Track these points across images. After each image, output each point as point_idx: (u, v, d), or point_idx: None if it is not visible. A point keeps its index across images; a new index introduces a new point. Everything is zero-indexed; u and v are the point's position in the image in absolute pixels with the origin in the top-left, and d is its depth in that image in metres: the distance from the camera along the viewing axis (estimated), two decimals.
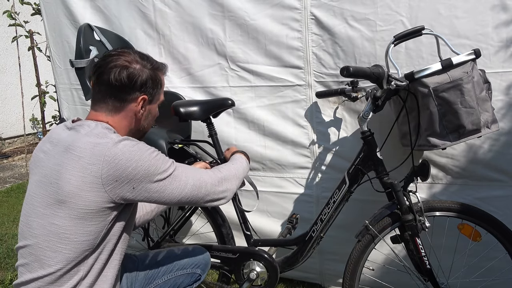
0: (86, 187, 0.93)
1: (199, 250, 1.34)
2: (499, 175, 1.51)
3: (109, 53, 1.08)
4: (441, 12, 1.45)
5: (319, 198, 1.76)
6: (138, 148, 0.98)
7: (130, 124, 1.09)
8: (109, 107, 1.05)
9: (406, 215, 1.33)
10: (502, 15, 1.39)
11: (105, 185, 0.93)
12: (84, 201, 0.93)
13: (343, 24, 1.57)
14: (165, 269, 1.26)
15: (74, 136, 0.98)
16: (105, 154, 0.94)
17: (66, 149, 0.96)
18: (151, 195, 0.99)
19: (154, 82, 1.10)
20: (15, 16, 2.66)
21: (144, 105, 1.09)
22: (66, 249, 0.94)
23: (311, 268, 1.83)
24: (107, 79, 1.03)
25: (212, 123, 1.57)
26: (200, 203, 1.10)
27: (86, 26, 1.64)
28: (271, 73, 1.72)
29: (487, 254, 1.53)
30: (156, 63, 1.12)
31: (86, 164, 0.93)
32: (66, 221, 0.93)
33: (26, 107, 5.00)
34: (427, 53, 1.49)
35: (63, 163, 0.95)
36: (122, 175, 0.94)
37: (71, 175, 0.93)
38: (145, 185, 0.98)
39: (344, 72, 1.21)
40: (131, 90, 1.05)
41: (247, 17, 1.69)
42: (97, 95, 1.06)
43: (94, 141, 0.96)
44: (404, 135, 1.46)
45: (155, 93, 1.12)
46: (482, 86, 1.25)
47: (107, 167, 0.93)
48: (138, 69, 1.06)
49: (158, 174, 0.99)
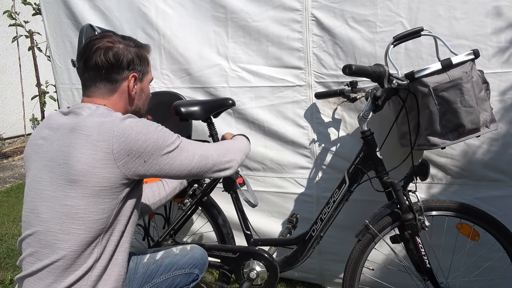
0: (98, 164, 0.93)
1: (198, 250, 1.35)
2: (498, 175, 1.52)
3: (90, 38, 1.08)
4: (440, 14, 1.47)
5: (319, 198, 1.76)
6: (144, 123, 1.00)
7: (126, 104, 1.10)
8: (102, 90, 1.06)
9: (406, 215, 1.34)
10: (501, 16, 1.41)
11: (117, 160, 0.94)
12: (97, 178, 0.93)
13: (344, 25, 1.59)
14: (163, 268, 1.26)
15: (77, 118, 0.99)
16: (114, 130, 0.95)
17: (72, 130, 0.96)
18: (162, 167, 1.01)
19: (141, 59, 1.11)
20: (15, 16, 2.67)
21: (135, 82, 1.10)
22: (81, 229, 0.94)
23: (311, 268, 1.83)
24: (94, 63, 1.04)
25: (212, 123, 1.58)
26: (208, 173, 1.13)
27: (88, 26, 1.65)
28: (271, 74, 1.73)
29: (486, 254, 1.54)
30: (138, 42, 1.13)
31: (95, 141, 0.93)
32: (79, 201, 0.93)
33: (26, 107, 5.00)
34: (426, 53, 1.51)
35: (70, 143, 0.95)
36: (133, 148, 0.95)
37: (81, 153, 0.93)
38: (155, 158, 0.99)
39: (347, 70, 1.22)
40: (120, 70, 1.06)
41: (249, 19, 1.71)
42: (88, 82, 1.06)
43: (100, 120, 0.97)
44: (403, 135, 1.47)
45: (144, 71, 1.13)
46: (481, 86, 1.26)
47: (118, 141, 0.94)
48: (122, 48, 1.07)
49: (167, 146, 1.01)
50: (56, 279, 0.94)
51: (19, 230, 2.78)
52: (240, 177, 1.58)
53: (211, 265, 1.61)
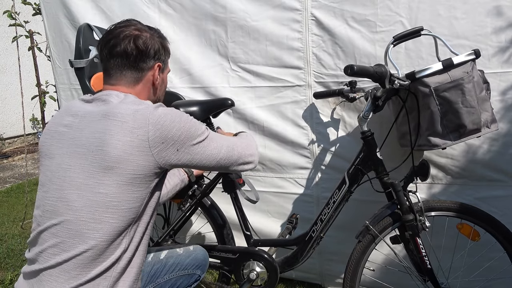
0: (134, 151, 0.92)
1: (200, 251, 1.35)
2: (498, 175, 1.51)
3: (115, 26, 1.06)
4: (440, 13, 1.46)
5: (319, 198, 1.76)
6: (176, 112, 0.99)
7: (149, 94, 1.10)
8: (128, 79, 1.05)
9: (406, 215, 1.33)
10: (501, 16, 1.40)
11: (152, 147, 0.94)
12: (132, 165, 0.92)
13: (344, 25, 1.58)
14: (167, 268, 1.25)
15: (107, 105, 0.97)
16: (149, 117, 0.94)
17: (105, 116, 0.94)
18: (193, 157, 1.01)
19: (165, 50, 1.12)
20: (15, 16, 2.66)
21: (159, 72, 1.10)
22: (114, 218, 0.92)
23: (311, 268, 1.83)
24: (123, 50, 1.02)
25: (212, 123, 1.57)
26: (234, 165, 1.13)
27: (86, 26, 1.64)
28: (271, 74, 1.72)
29: (486, 254, 1.53)
30: (160, 33, 1.13)
31: (132, 128, 0.92)
32: (114, 188, 0.91)
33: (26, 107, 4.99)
34: (426, 53, 1.50)
35: (105, 129, 0.92)
36: (167, 136, 0.95)
37: (117, 140, 0.91)
38: (187, 147, 1.00)
39: (348, 71, 1.22)
40: (147, 58, 1.06)
41: (248, 19, 1.70)
42: (112, 69, 1.04)
43: (133, 107, 0.95)
44: (403, 135, 1.46)
45: (166, 61, 1.14)
46: (482, 86, 1.26)
47: (153, 129, 0.94)
48: (149, 37, 1.06)
49: (198, 136, 1.02)
50: (82, 271, 0.90)
51: (19, 230, 2.78)
52: (239, 177, 1.57)
53: (211, 265, 1.61)
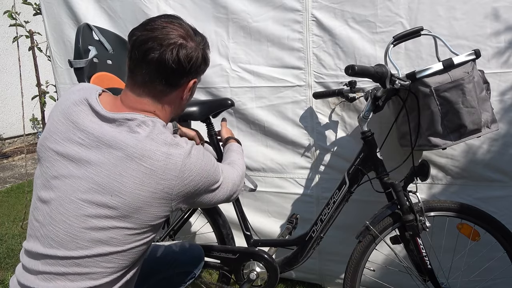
0: (155, 202, 0.83)
1: (196, 248, 1.33)
2: (498, 176, 1.52)
3: (155, 23, 0.87)
4: (440, 14, 1.47)
5: (319, 198, 1.76)
6: (206, 161, 0.91)
7: (171, 111, 0.95)
8: (156, 93, 0.89)
9: (407, 215, 1.33)
10: (500, 17, 1.41)
11: (174, 200, 0.87)
12: (148, 215, 0.84)
13: (344, 26, 1.59)
14: (163, 266, 1.24)
15: (133, 138, 0.83)
16: (180, 170, 0.84)
17: (130, 157, 0.81)
18: (202, 202, 0.96)
19: (206, 63, 0.96)
20: (15, 16, 2.67)
21: (193, 88, 0.96)
22: (123, 259, 0.86)
23: (311, 268, 1.83)
24: (161, 59, 0.84)
25: (211, 123, 1.57)
26: (225, 202, 1.08)
27: (85, 25, 1.64)
28: (271, 74, 1.73)
29: (486, 254, 1.53)
30: (206, 40, 0.96)
31: (160, 180, 0.82)
32: (126, 234, 0.84)
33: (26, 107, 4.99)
34: (426, 53, 1.51)
35: (128, 174, 0.81)
36: (191, 190, 0.89)
37: (141, 190, 0.81)
38: (203, 195, 0.94)
39: (349, 71, 1.22)
40: (186, 74, 0.89)
41: (250, 19, 1.71)
42: (142, 77, 0.87)
43: (166, 150, 0.83)
44: (403, 135, 1.46)
45: (203, 74, 0.99)
46: (482, 86, 1.26)
47: (181, 183, 0.85)
48: (194, 49, 0.89)
49: (214, 184, 0.96)
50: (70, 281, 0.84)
51: (19, 230, 2.77)
52: None
53: (211, 266, 1.61)
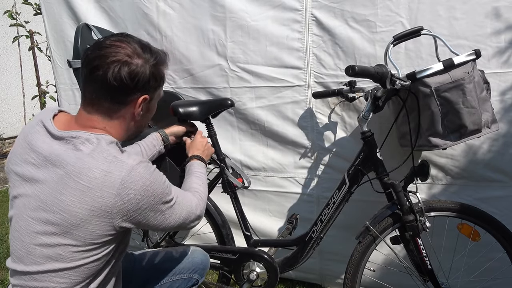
0: (94, 220, 0.84)
1: (198, 254, 1.30)
2: (498, 176, 1.51)
3: (104, 42, 0.90)
4: (440, 14, 1.46)
5: (320, 198, 1.76)
6: (153, 180, 0.88)
7: (128, 127, 0.96)
8: (105, 110, 0.91)
9: (407, 216, 1.33)
10: (500, 17, 1.40)
11: (114, 219, 0.85)
12: (89, 233, 0.85)
13: (344, 25, 1.58)
14: (162, 272, 1.23)
15: (75, 156, 0.84)
16: (118, 187, 0.83)
17: (69, 175, 0.83)
18: (149, 224, 0.93)
19: (157, 80, 0.95)
20: (15, 16, 2.67)
21: (144, 105, 0.95)
22: (75, 275, 0.87)
23: (311, 268, 1.83)
24: (104, 77, 0.86)
25: (211, 123, 1.57)
26: (179, 229, 1.07)
27: (84, 25, 1.64)
28: (271, 74, 1.72)
29: (486, 254, 1.53)
30: (159, 56, 0.96)
31: (96, 197, 0.82)
32: (71, 250, 0.85)
33: (26, 107, 5.00)
34: (426, 53, 1.50)
35: (66, 192, 0.83)
36: (133, 209, 0.86)
37: (78, 208, 0.82)
38: (148, 217, 0.91)
39: (350, 71, 1.21)
40: (132, 91, 0.90)
41: (248, 18, 1.70)
42: (91, 94, 0.90)
43: (105, 167, 0.83)
44: (403, 135, 1.46)
45: (157, 91, 0.98)
46: (482, 86, 1.25)
47: (119, 201, 0.84)
48: (140, 66, 0.90)
49: (162, 206, 0.93)
50: None
51: None
52: (239, 178, 1.57)
53: (211, 266, 1.61)
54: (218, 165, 1.56)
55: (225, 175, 1.55)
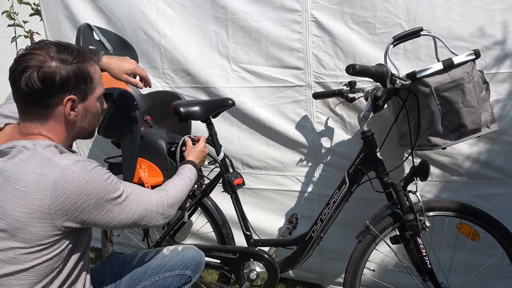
0: (35, 222, 0.86)
1: (190, 251, 1.29)
2: (496, 173, 1.53)
3: (22, 53, 0.92)
4: (438, 15, 1.49)
5: (320, 195, 1.78)
6: (91, 178, 0.89)
7: (66, 129, 0.97)
8: (35, 116, 0.92)
9: (407, 215, 1.34)
10: (496, 18, 1.43)
11: (54, 219, 0.87)
12: (33, 235, 0.87)
13: (343, 27, 1.60)
14: (152, 270, 1.22)
15: (12, 164, 0.87)
16: (52, 189, 0.85)
17: (7, 181, 0.86)
18: (95, 222, 0.94)
19: (80, 78, 0.94)
20: (14, 16, 2.66)
21: (74, 105, 0.95)
22: (32, 276, 0.89)
23: (311, 267, 1.83)
24: (20, 86, 0.88)
25: (212, 123, 1.57)
26: (138, 227, 1.07)
27: (86, 26, 1.64)
28: (272, 74, 1.74)
29: (486, 254, 1.54)
30: (80, 54, 0.95)
31: (32, 200, 0.85)
32: (21, 253, 0.87)
33: None
34: (424, 54, 1.52)
35: (6, 198, 0.86)
36: (71, 208, 0.88)
37: (17, 212, 0.85)
38: (92, 215, 0.92)
39: (350, 70, 1.22)
40: (51, 94, 0.91)
41: (249, 19, 1.72)
42: (18, 104, 0.93)
43: (39, 171, 0.86)
44: (403, 135, 1.47)
45: (86, 89, 0.97)
46: (481, 86, 1.27)
47: (55, 202, 0.86)
48: (54, 67, 0.90)
49: (107, 204, 0.93)
50: None
51: None
52: (239, 178, 1.57)
53: (211, 266, 1.60)
54: (218, 164, 1.56)
55: (225, 174, 1.55)
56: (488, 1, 1.43)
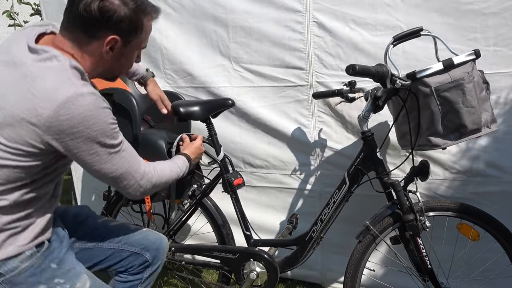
0: (26, 126, 0.87)
1: (153, 234, 1.27)
2: (494, 171, 1.55)
3: None
4: (434, 20, 1.51)
5: (322, 193, 1.80)
6: (97, 114, 0.90)
7: (96, 63, 0.99)
8: (75, 39, 0.95)
9: (407, 215, 1.33)
10: (489, 22, 1.46)
11: (45, 132, 0.88)
12: (18, 136, 0.88)
13: (344, 27, 1.62)
14: (113, 236, 1.21)
15: (37, 65, 0.89)
16: (59, 105, 0.87)
17: (25, 77, 0.88)
18: (79, 157, 0.94)
19: (132, 24, 0.97)
20: (14, 16, 2.66)
21: (114, 46, 0.97)
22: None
23: (312, 266, 1.84)
24: (77, 7, 0.91)
25: (211, 123, 1.57)
26: (113, 185, 1.06)
27: None
28: (273, 74, 1.75)
29: (486, 254, 1.54)
30: (142, 4, 0.98)
31: (37, 106, 0.87)
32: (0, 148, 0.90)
33: None
34: (423, 55, 1.54)
35: (15, 91, 0.88)
36: (65, 131, 0.89)
37: (18, 111, 0.87)
38: (80, 148, 0.92)
39: (350, 70, 1.23)
40: (102, 27, 0.93)
41: (251, 20, 1.73)
42: (67, 21, 0.95)
43: (57, 84, 0.88)
44: (403, 135, 1.47)
45: (132, 37, 0.99)
46: (482, 86, 1.27)
47: (55, 117, 0.87)
48: (115, 5, 0.92)
49: (100, 145, 0.94)
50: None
51: None
52: (239, 178, 1.57)
53: (211, 266, 1.60)
54: (218, 164, 1.56)
55: (225, 174, 1.55)
56: (482, 5, 1.45)
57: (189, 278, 1.68)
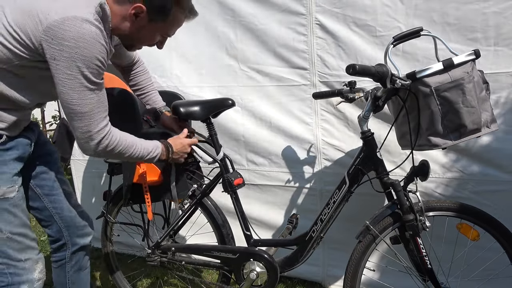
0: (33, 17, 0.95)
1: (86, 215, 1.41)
2: (493, 170, 1.56)
3: None
4: (434, 19, 1.53)
5: (322, 191, 1.83)
6: (87, 44, 0.96)
7: (119, 22, 1.06)
8: None
9: (407, 215, 1.34)
10: (489, 21, 1.47)
11: (42, 34, 0.95)
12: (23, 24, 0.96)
13: (346, 29, 1.65)
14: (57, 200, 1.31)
15: None
16: (68, 17, 0.94)
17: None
18: (54, 72, 0.98)
19: (165, 10, 1.06)
20: None
21: (139, 14, 1.05)
22: None
23: (312, 265, 1.85)
24: None
25: (211, 123, 1.58)
26: (72, 121, 1.05)
27: None
28: (278, 74, 1.81)
29: (486, 254, 1.55)
30: (185, 2, 1.09)
31: (52, 10, 0.95)
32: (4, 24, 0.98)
33: None
34: (422, 56, 1.56)
35: None
36: (57, 38, 0.94)
37: (38, 5, 0.96)
38: (60, 65, 0.97)
39: (350, 70, 1.23)
40: None
41: (257, 22, 1.79)
42: None
43: (79, 3, 0.96)
44: (403, 135, 1.47)
45: (159, 18, 1.07)
46: (481, 86, 1.27)
47: (58, 26, 0.94)
48: None
49: (79, 75, 0.97)
50: None
51: None
52: (239, 178, 1.57)
53: (211, 266, 1.60)
54: (218, 164, 1.56)
55: (225, 174, 1.55)
56: (482, 5, 1.46)
57: (189, 278, 1.68)
